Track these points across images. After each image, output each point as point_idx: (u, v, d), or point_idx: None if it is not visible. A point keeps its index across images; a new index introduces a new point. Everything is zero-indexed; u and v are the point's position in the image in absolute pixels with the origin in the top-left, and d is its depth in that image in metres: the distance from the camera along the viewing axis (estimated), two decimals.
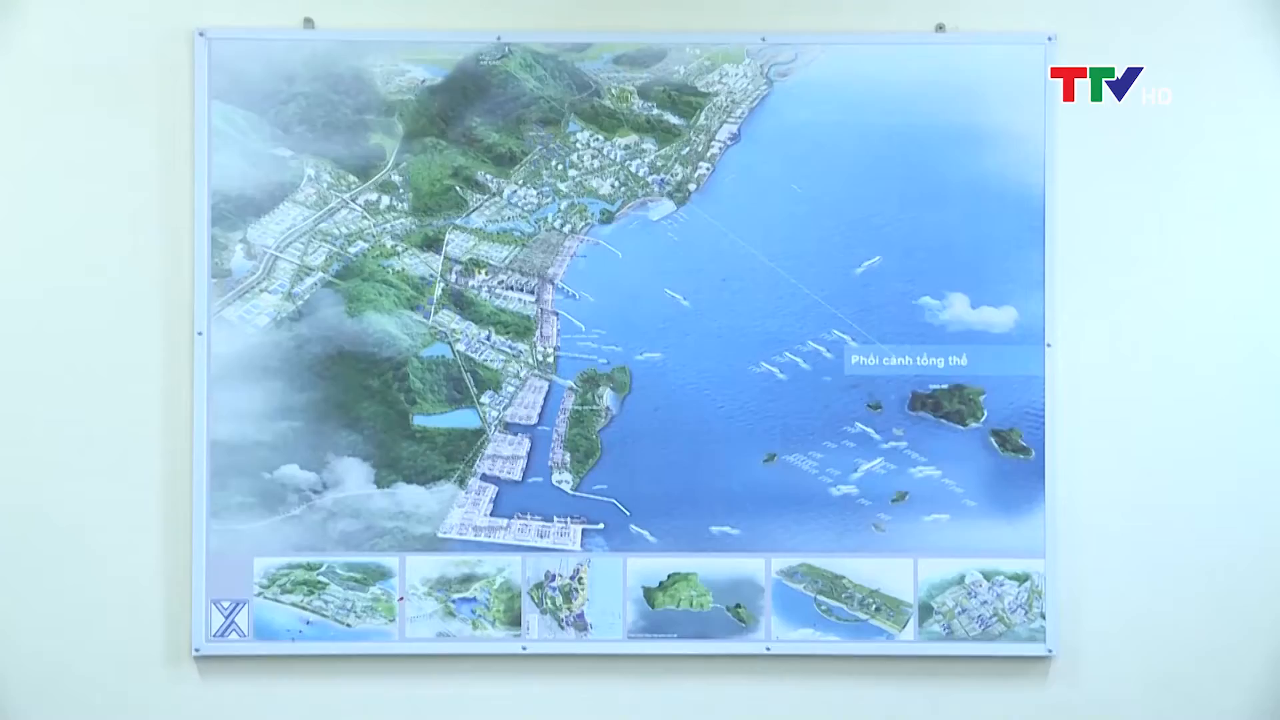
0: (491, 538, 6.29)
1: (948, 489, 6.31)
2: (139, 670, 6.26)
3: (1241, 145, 6.42)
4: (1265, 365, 6.43)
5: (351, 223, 6.34)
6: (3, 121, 6.34)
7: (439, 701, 6.30)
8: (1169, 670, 6.33)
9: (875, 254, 6.34)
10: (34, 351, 6.31)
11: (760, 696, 6.34)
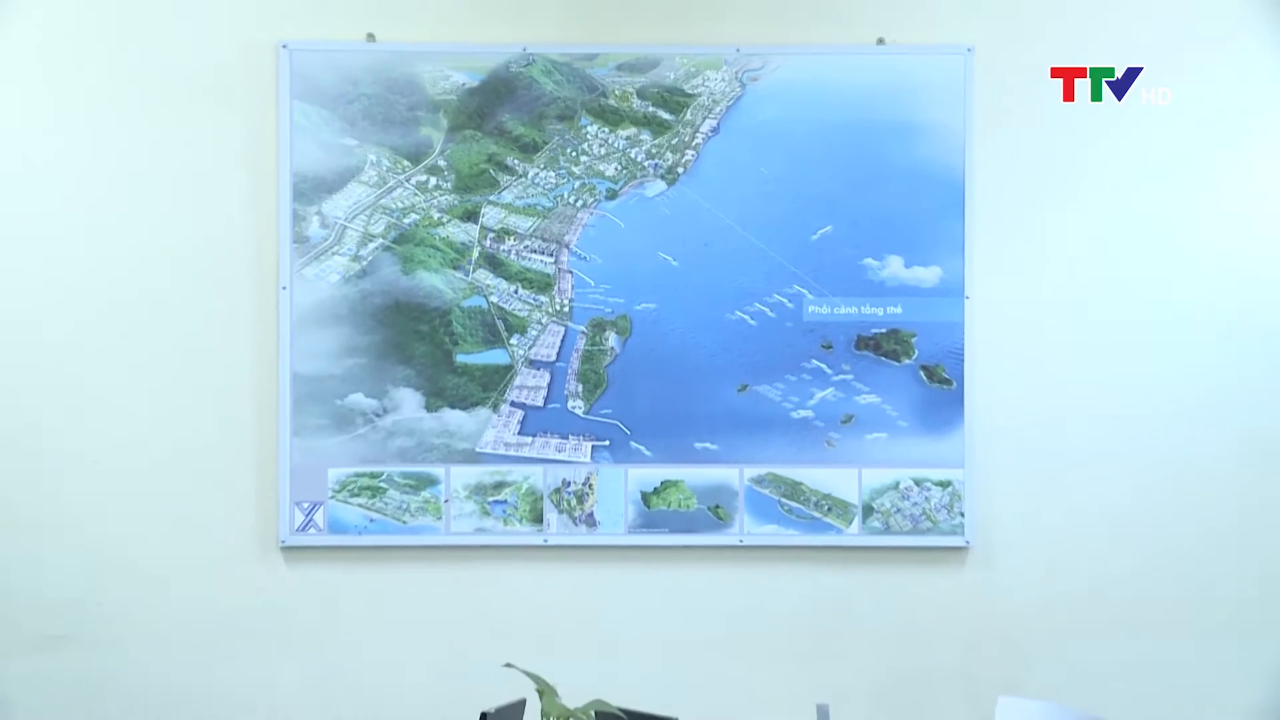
0: (519, 452, 6.97)
1: (885, 413, 7.01)
2: (237, 559, 6.89)
3: (1122, 136, 7.03)
4: (1138, 303, 7.02)
5: (405, 199, 6.99)
6: (127, 115, 6.89)
7: (476, 583, 6.92)
8: (1063, 555, 6.98)
9: (828, 223, 7.03)
10: (152, 301, 6.90)
11: (735, 579, 7.00)
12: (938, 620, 6.98)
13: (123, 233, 6.97)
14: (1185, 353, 7.07)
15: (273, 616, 6.95)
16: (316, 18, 7.04)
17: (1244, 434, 7.05)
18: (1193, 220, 7.11)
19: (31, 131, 6.96)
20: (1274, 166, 7.10)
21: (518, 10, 7.09)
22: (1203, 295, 7.07)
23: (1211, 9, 7.09)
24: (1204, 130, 7.10)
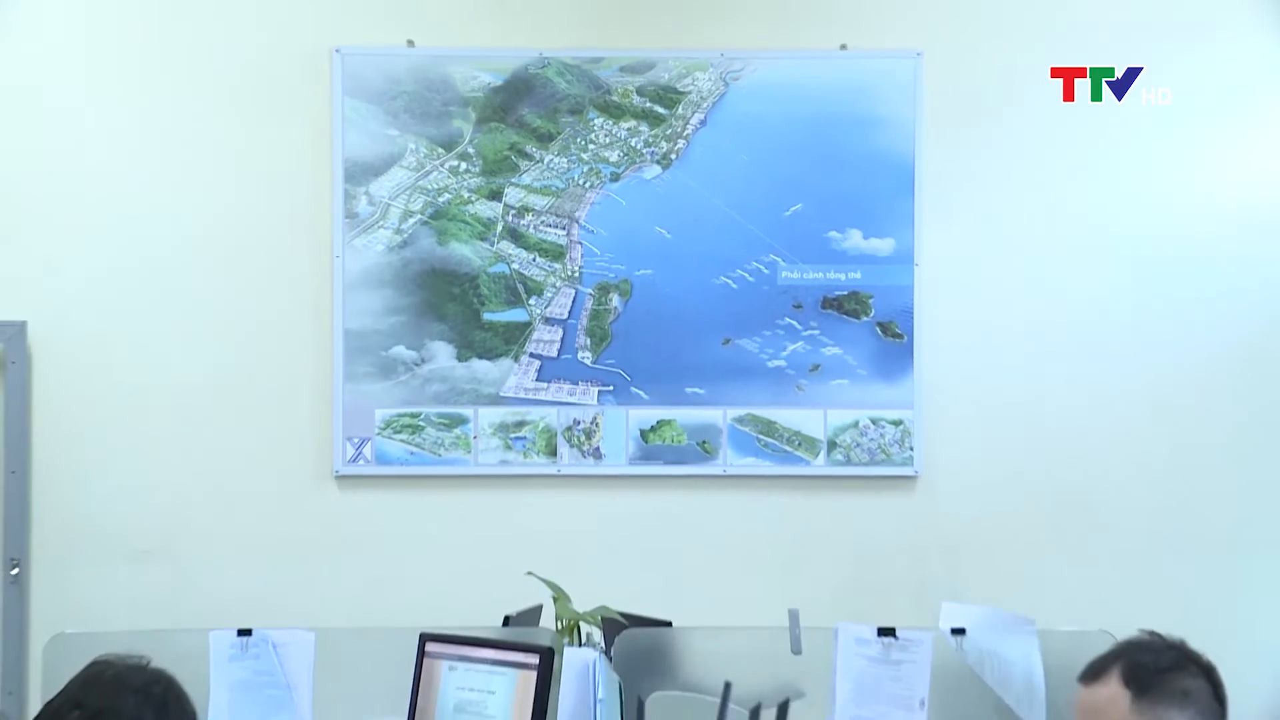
0: (536, 396, 6.99)
1: (847, 363, 7.02)
2: (297, 486, 6.94)
3: (1047, 128, 7.06)
4: (1061, 268, 7.08)
5: (440, 181, 6.99)
6: (205, 109, 6.93)
7: (500, 507, 6.95)
8: (999, 483, 7.02)
9: (798, 202, 7.04)
10: (227, 267, 6.95)
11: (719, 504, 7.04)
12: (890, 538, 7.01)
13: (201, 208, 7.00)
14: (1101, 307, 7.10)
15: (328, 535, 6.97)
16: (364, 26, 7.05)
17: (1157, 376, 7.09)
18: (1105, 199, 7.15)
19: (132, 122, 6.99)
20: (1178, 146, 7.15)
21: (535, 20, 7.09)
22: (1115, 258, 7.11)
23: (1130, 20, 7.13)
24: (1116, 125, 7.10)
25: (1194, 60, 7.10)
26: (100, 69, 7.01)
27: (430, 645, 5.23)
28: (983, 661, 5.42)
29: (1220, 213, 7.12)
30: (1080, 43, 7.08)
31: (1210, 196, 7.13)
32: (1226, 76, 7.11)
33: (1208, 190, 7.13)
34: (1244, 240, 7.11)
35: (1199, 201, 7.14)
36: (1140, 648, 3.71)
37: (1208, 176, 7.13)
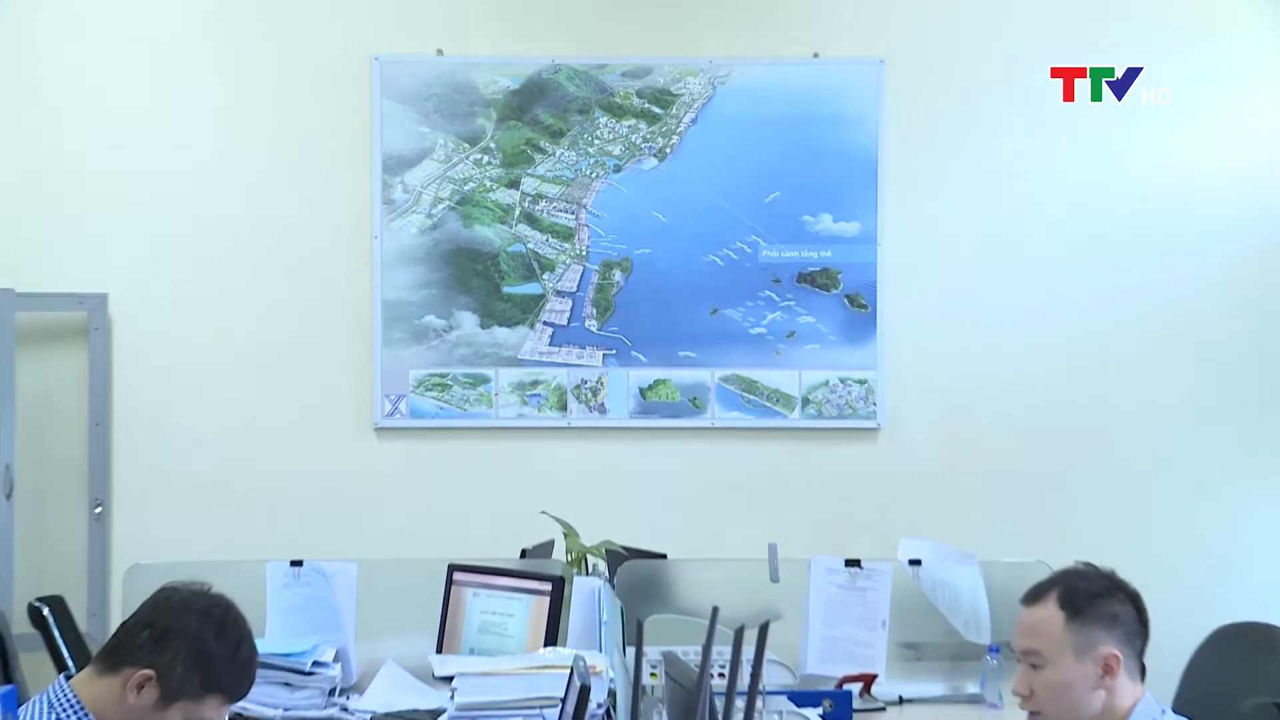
0: (549, 358, 6.98)
1: (819, 329, 7.01)
2: (342, 437, 6.94)
3: (989, 124, 7.08)
4: (1006, 244, 7.07)
5: (465, 171, 6.97)
6: (264, 107, 6.93)
7: (517, 455, 6.94)
8: (952, 434, 7.02)
9: (777, 190, 7.02)
10: (280, 246, 6.94)
11: (707, 453, 7.03)
12: (856, 482, 6.99)
13: (260, 194, 6.99)
14: (1043, 281, 7.09)
15: (368, 480, 6.96)
16: (399, 37, 7.02)
17: (1091, 338, 7.09)
18: (1045, 184, 7.14)
19: (200, 119, 7.00)
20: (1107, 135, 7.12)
21: (548, 32, 7.06)
22: (1054, 236, 7.11)
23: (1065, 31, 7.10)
24: (1056, 119, 7.07)
25: (1129, 57, 7.02)
26: (174, 71, 7.00)
27: (457, 574, 5.29)
28: (935, 589, 5.47)
29: (1146, 191, 7.12)
30: (1027, 49, 7.07)
31: (1135, 177, 7.12)
32: (1157, 68, 7.05)
33: (1133, 172, 7.11)
34: (1170, 211, 7.11)
35: (1125, 182, 7.12)
36: (1075, 575, 3.73)
37: (1136, 160, 7.12)
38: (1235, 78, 7.10)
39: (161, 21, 7.03)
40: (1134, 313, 7.09)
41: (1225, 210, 7.08)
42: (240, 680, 3.68)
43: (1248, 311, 7.08)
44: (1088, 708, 3.56)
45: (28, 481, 6.72)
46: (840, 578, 5.39)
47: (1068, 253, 7.11)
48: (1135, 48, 7.01)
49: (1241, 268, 7.07)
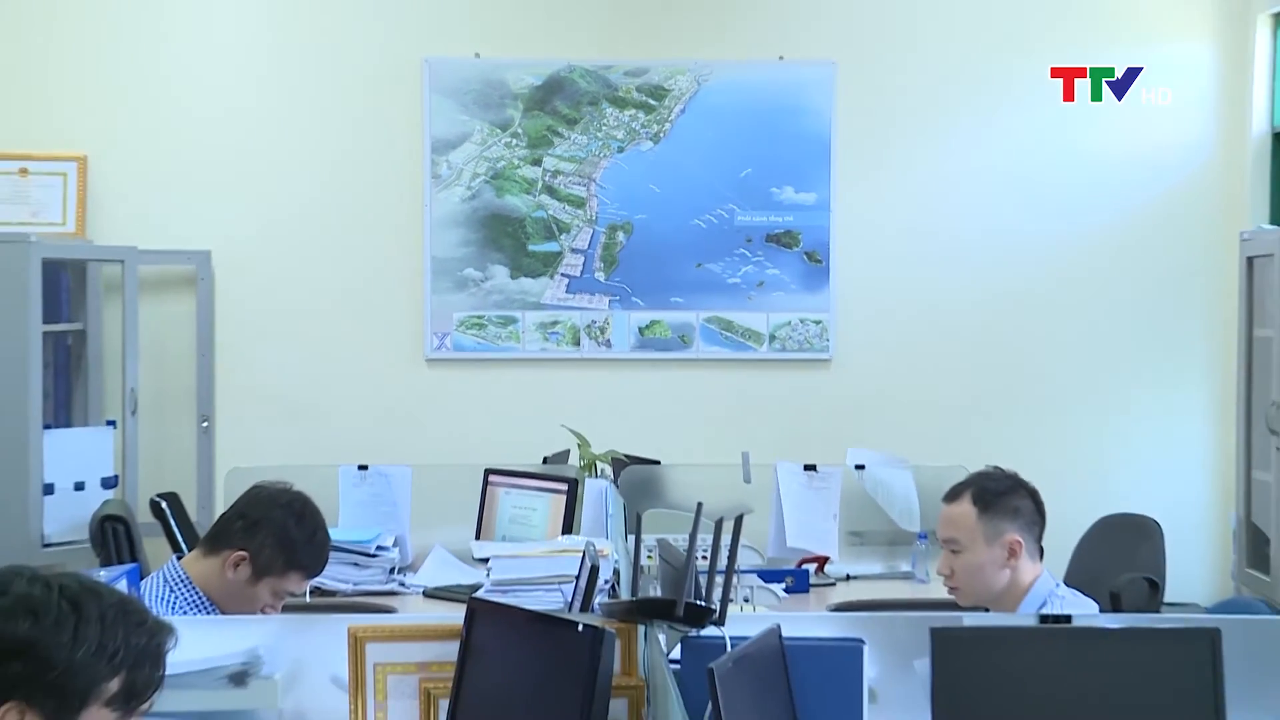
0: (565, 302, 6.95)
1: (783, 279, 6.96)
2: (399, 366, 6.91)
3: (917, 112, 7.00)
4: (940, 206, 6.98)
5: (497, 152, 6.91)
6: (335, 99, 6.86)
7: (541, 381, 6.92)
8: (892, 364, 6.94)
9: (749, 166, 6.96)
10: (348, 213, 6.89)
11: (693, 379, 6.99)
12: (812, 403, 6.95)
13: (334, 169, 6.93)
14: (966, 239, 7.02)
15: (420, 400, 6.94)
16: (444, 42, 6.95)
17: (1006, 284, 7.03)
18: (967, 161, 7.06)
19: (288, 107, 6.93)
20: (1020, 113, 7.07)
21: (564, 39, 7.00)
22: (974, 203, 7.05)
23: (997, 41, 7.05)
24: (976, 102, 7.07)
25: (1048, 58, 6.91)
26: (266, 69, 6.95)
27: (492, 477, 5.34)
28: (875, 488, 5.51)
29: (1054, 160, 7.03)
30: (950, 51, 7.02)
31: (1046, 148, 7.02)
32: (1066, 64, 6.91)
33: (1045, 145, 7.02)
34: (1074, 177, 7.02)
35: (1038, 153, 7.03)
36: (986, 477, 3.76)
37: (1046, 136, 7.02)
38: (1136, 59, 6.89)
39: (259, 29, 6.99)
40: (1042, 260, 7.02)
41: (1118, 175, 7.01)
42: (316, 560, 3.73)
43: (1133, 259, 7.01)
44: (997, 583, 3.60)
45: (149, 402, 6.69)
46: (800, 479, 5.42)
47: (987, 214, 7.03)
48: (1050, 50, 6.92)
49: (1129, 222, 7.01)
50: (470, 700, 2.69)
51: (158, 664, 1.91)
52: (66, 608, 1.82)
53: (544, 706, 2.53)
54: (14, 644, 1.79)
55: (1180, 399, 7.06)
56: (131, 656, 1.85)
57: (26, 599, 1.82)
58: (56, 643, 1.80)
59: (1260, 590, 5.71)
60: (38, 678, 1.79)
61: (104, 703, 1.83)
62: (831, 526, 5.36)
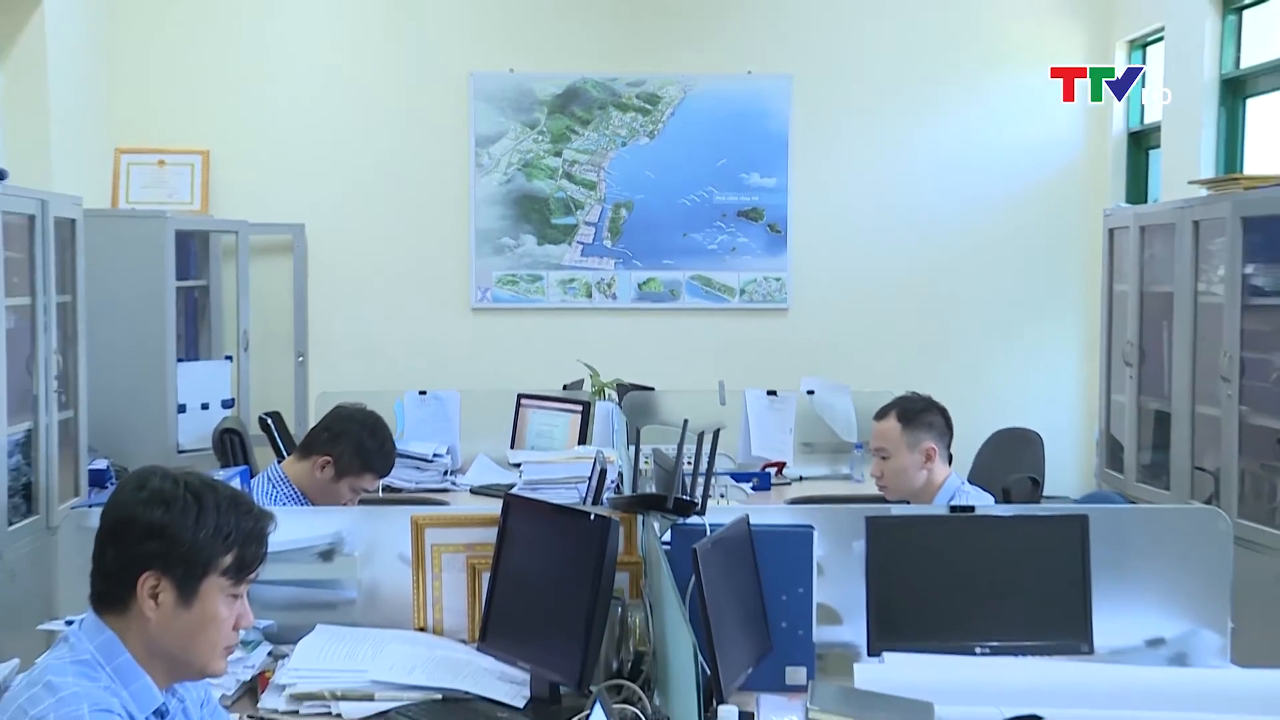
0: (580, 264, 6.90)
1: (750, 246, 6.91)
2: (450, 314, 6.88)
3: (863, 117, 6.91)
4: (881, 189, 6.92)
5: (527, 146, 6.86)
6: (399, 102, 6.81)
7: (561, 326, 6.85)
8: (841, 313, 6.85)
9: (724, 157, 6.90)
10: (411, 195, 6.84)
11: (681, 325, 6.93)
12: (774, 342, 6.89)
13: (400, 162, 6.88)
14: (898, 215, 6.97)
15: (467, 341, 6.90)
16: (486, 59, 6.87)
17: (931, 242, 6.98)
18: (900, 154, 7.00)
19: (365, 108, 6.88)
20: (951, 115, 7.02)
21: (579, 57, 6.91)
22: (905, 177, 6.99)
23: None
24: (912, 107, 7.00)
25: (945, 75, 6.96)
26: (346, 78, 6.90)
27: (523, 400, 5.34)
28: (822, 408, 5.50)
29: (970, 145, 6.98)
30: (883, 63, 6.96)
31: (965, 137, 6.98)
32: (973, 74, 6.99)
33: (964, 134, 6.98)
34: (986, 156, 6.98)
35: (957, 141, 6.99)
36: (907, 399, 3.75)
37: (965, 127, 6.99)
38: (1025, 74, 6.95)
39: (342, 50, 6.90)
40: (954, 230, 6.96)
41: (1013, 164, 6.97)
42: (386, 464, 3.72)
43: (1024, 228, 6.97)
44: (917, 482, 3.61)
45: (257, 341, 6.68)
46: (763, 402, 5.42)
47: (912, 194, 6.96)
48: (962, 66, 6.98)
49: (1022, 200, 6.98)
50: (505, 573, 2.70)
51: (262, 543, 1.89)
52: (191, 499, 1.83)
53: (563, 578, 2.54)
54: (150, 527, 1.81)
55: (1059, 338, 7.06)
56: (241, 536, 1.85)
57: (160, 492, 1.83)
58: (183, 525, 1.81)
59: (1116, 486, 5.72)
60: (169, 553, 1.80)
61: (220, 572, 1.84)
62: (788, 439, 5.36)
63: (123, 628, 1.80)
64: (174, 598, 1.80)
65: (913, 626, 2.66)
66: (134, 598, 1.79)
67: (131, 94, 6.66)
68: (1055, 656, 2.64)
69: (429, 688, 2.49)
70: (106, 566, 1.82)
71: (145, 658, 1.80)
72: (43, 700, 1.67)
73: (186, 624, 1.80)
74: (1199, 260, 5.01)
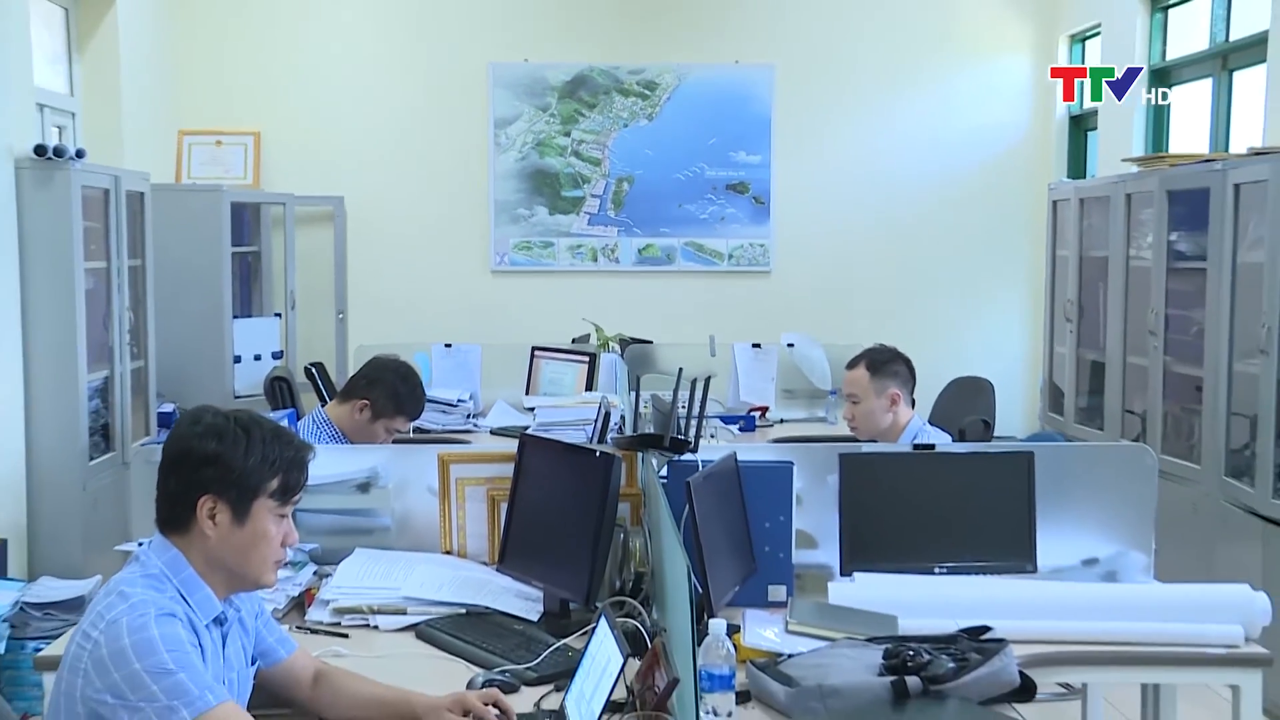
0: (587, 232, 6.83)
1: (737, 215, 6.85)
2: (472, 275, 6.83)
3: (837, 103, 6.80)
4: (853, 164, 6.86)
5: (540, 126, 6.79)
6: (430, 88, 6.71)
7: (570, 287, 6.75)
8: (817, 273, 6.85)
9: (714, 137, 6.82)
10: (440, 170, 6.79)
11: (676, 285, 6.87)
12: (758, 301, 6.83)
13: (430, 141, 6.83)
14: (867, 179, 6.90)
15: (488, 299, 6.85)
16: (503, 50, 6.79)
17: (898, 210, 6.92)
18: (870, 130, 6.94)
19: (398, 93, 6.82)
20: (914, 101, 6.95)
21: (586, 48, 6.83)
22: (873, 154, 6.91)
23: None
24: (871, 94, 6.92)
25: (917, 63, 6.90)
26: (380, 63, 6.83)
27: (537, 351, 5.30)
28: (801, 359, 5.48)
29: (930, 127, 6.91)
30: (858, 53, 6.89)
31: (926, 121, 6.92)
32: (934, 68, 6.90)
33: (925, 119, 6.91)
34: (943, 136, 6.90)
35: (920, 125, 6.91)
36: (875, 350, 3.73)
37: (925, 113, 6.92)
38: (980, 64, 6.91)
39: (377, 42, 6.83)
40: (919, 200, 6.92)
41: (971, 142, 6.94)
42: (416, 408, 3.71)
43: (981, 198, 6.93)
44: (883, 423, 3.59)
45: (303, 300, 6.67)
46: (749, 354, 5.39)
47: (882, 170, 6.91)
48: (924, 57, 6.90)
49: (978, 174, 6.94)
50: (521, 504, 2.70)
51: (303, 469, 1.91)
52: (240, 431, 1.84)
53: (572, 508, 2.53)
54: (206, 456, 1.82)
55: (1008, 297, 7.04)
56: (285, 463, 1.86)
57: (213, 427, 1.85)
58: (234, 454, 1.82)
59: (1057, 426, 5.74)
60: (223, 479, 1.82)
61: (268, 495, 1.85)
62: (770, 386, 5.33)
63: (185, 546, 1.82)
64: (229, 517, 1.82)
65: (879, 550, 2.66)
66: (194, 519, 1.81)
67: (193, 83, 6.64)
68: (1003, 575, 2.64)
69: (454, 603, 2.50)
70: (170, 493, 1.84)
71: (206, 572, 1.82)
72: (117, 606, 1.71)
73: (241, 540, 1.82)
74: (1130, 229, 5.07)
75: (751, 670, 2.08)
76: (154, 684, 1.63)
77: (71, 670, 1.69)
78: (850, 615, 2.35)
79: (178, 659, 1.66)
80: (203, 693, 1.65)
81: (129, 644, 1.65)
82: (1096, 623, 2.41)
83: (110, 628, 1.67)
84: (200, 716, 1.63)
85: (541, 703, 2.03)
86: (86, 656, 1.67)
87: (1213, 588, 2.54)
